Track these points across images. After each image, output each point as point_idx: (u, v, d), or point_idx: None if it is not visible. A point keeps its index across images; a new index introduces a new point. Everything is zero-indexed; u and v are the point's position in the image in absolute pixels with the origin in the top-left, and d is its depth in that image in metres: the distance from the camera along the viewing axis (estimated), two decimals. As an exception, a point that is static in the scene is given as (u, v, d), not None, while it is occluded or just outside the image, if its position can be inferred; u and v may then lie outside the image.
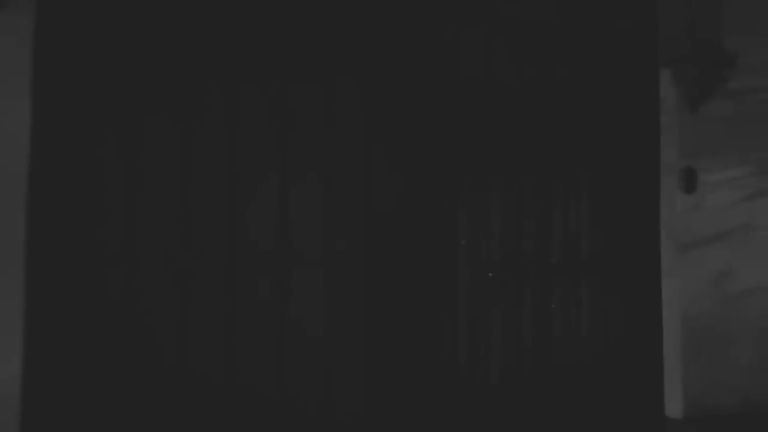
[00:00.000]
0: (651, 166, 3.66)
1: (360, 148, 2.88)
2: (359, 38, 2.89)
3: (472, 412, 3.07)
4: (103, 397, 2.46)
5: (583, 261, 3.43)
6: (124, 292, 2.47)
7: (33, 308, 2.39)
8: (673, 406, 3.51)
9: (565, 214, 3.40)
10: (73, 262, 2.43)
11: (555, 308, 3.32)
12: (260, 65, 2.71)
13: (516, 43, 3.29)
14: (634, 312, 3.58)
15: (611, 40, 3.60)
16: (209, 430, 2.58)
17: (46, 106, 2.43)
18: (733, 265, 3.58)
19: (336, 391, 2.80)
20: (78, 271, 2.44)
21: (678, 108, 3.64)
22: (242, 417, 2.63)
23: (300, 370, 2.74)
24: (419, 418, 2.94)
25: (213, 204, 2.62)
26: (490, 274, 3.17)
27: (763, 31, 3.64)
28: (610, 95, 3.58)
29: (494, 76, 3.17)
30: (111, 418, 2.46)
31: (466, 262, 3.11)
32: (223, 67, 2.65)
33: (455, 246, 3.04)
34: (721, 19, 3.70)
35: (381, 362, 2.87)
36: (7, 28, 2.37)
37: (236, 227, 2.65)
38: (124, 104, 2.51)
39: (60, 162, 2.44)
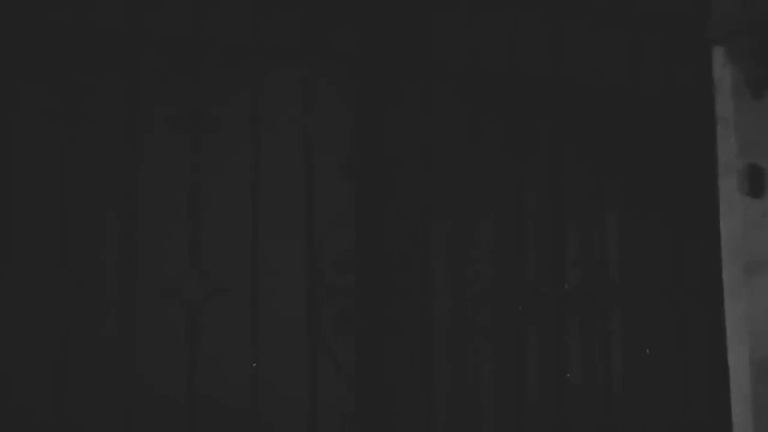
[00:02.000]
0: (704, 165, 2.90)
1: (299, 149, 2.33)
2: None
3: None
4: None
5: (613, 284, 2.71)
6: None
7: None
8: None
9: (586, 224, 2.71)
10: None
11: (573, 348, 2.61)
12: (164, 52, 2.24)
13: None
14: (686, 351, 2.80)
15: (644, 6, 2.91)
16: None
17: None
18: (821, 291, 2.75)
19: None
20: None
21: (736, 93, 2.88)
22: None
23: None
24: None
25: (104, 221, 2.14)
26: (519, 308, 2.50)
27: None
28: (646, 77, 2.87)
29: (479, 62, 2.55)
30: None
31: (447, 288, 2.48)
32: (117, 55, 2.19)
33: (428, 266, 2.42)
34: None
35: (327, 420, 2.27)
36: None
37: (138, 249, 2.15)
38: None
39: None
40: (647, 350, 2.73)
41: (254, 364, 2.18)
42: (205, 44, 2.25)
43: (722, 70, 2.94)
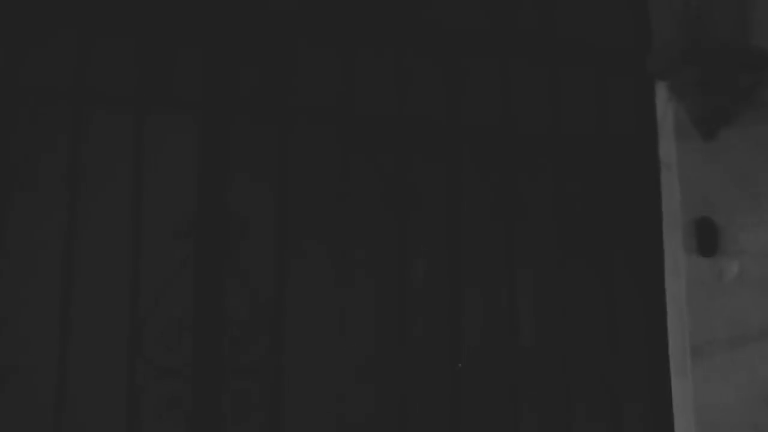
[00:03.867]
0: (648, 218, 2.47)
1: (126, 208, 2.03)
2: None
3: None
4: None
5: (527, 359, 2.28)
6: None
7: None
8: None
9: (492, 287, 2.30)
10: None
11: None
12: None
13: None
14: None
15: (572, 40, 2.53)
16: None
17: None
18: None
19: None
20: None
21: (680, 134, 2.44)
22: None
23: None
24: None
25: None
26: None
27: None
28: (573, 118, 2.48)
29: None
30: None
31: (307, 367, 2.10)
32: None
33: (280, 340, 2.05)
34: (745, 11, 2.50)
35: None
36: None
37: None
38: None
39: None
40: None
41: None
42: (20, 90, 2.01)
43: (666, 108, 2.51)
